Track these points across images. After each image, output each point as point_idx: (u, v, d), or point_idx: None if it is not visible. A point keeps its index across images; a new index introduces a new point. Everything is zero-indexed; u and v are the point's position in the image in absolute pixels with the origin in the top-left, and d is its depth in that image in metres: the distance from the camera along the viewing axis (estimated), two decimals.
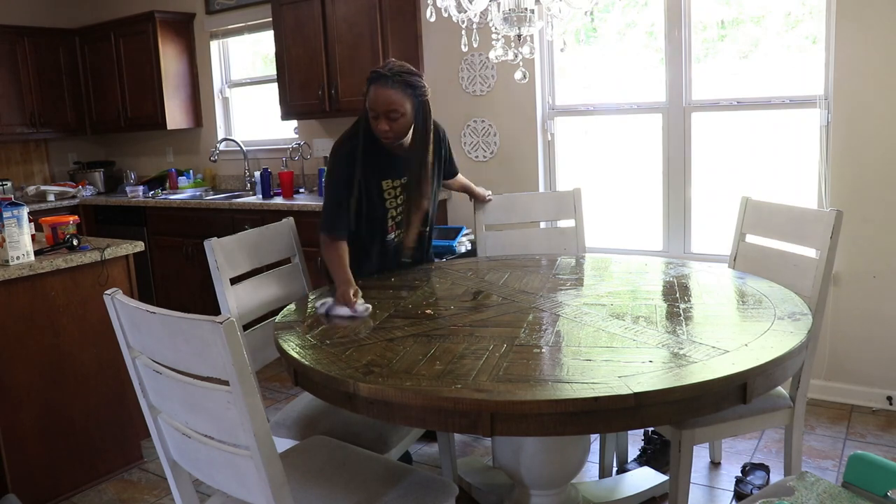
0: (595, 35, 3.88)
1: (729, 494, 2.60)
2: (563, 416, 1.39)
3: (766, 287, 2.13)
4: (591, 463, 2.76)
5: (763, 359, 1.53)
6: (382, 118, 2.24)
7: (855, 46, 3.06)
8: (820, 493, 1.41)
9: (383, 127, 2.25)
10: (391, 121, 2.25)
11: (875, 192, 3.11)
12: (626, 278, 2.38)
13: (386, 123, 2.25)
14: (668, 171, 3.65)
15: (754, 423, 2.15)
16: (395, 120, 2.25)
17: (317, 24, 4.24)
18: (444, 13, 2.32)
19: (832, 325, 3.24)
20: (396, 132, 2.27)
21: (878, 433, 2.99)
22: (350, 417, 2.12)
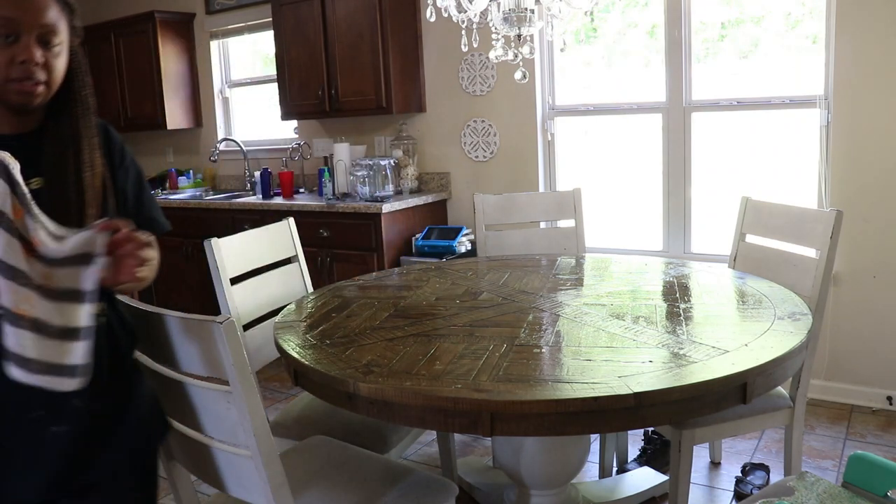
0: (595, 35, 3.88)
1: (729, 494, 2.60)
2: (563, 416, 1.39)
3: (766, 287, 2.13)
4: (591, 463, 2.76)
5: (763, 359, 1.53)
6: (32, 39, 1.21)
7: (855, 46, 3.06)
8: (820, 493, 1.41)
9: (32, 55, 1.20)
10: (46, 49, 1.23)
11: (875, 192, 3.11)
12: (626, 278, 2.38)
13: (39, 49, 1.21)
14: (668, 171, 3.65)
15: (754, 423, 2.15)
16: (51, 48, 1.24)
17: (317, 24, 4.24)
18: (444, 13, 2.32)
19: (832, 325, 3.24)
20: (52, 72, 1.24)
21: (878, 433, 2.99)
22: (350, 417, 2.12)
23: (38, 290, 1.11)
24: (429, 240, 3.88)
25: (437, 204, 4.22)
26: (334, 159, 4.24)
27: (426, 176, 4.33)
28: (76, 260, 1.14)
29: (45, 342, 1.12)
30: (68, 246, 1.14)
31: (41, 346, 1.12)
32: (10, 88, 1.21)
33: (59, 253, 1.13)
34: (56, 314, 1.13)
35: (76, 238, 1.14)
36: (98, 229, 1.14)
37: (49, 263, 1.13)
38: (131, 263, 1.17)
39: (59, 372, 1.12)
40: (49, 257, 1.13)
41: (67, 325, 1.13)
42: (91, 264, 1.14)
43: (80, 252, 1.14)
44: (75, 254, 1.14)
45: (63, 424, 1.25)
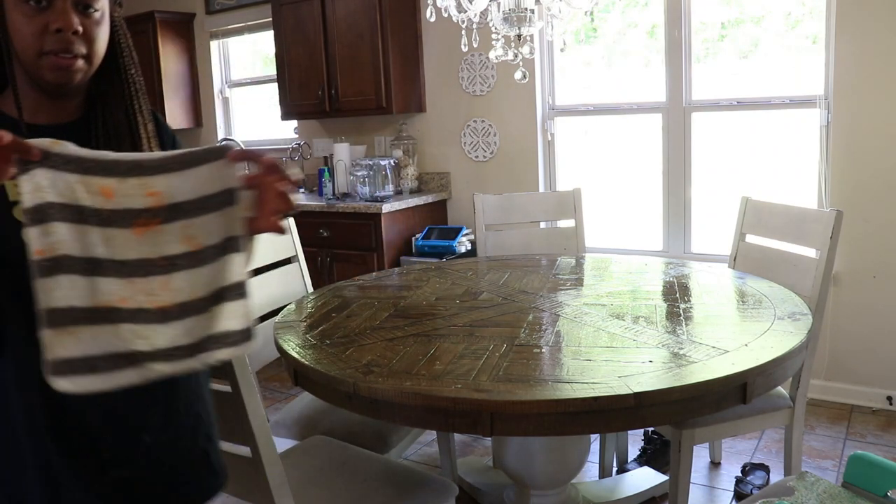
0: (595, 35, 3.88)
1: (729, 494, 2.60)
2: (563, 416, 1.39)
3: (766, 287, 2.13)
4: (591, 463, 2.76)
5: (763, 359, 1.53)
6: (67, 3, 1.00)
7: (855, 46, 3.06)
8: (820, 493, 1.41)
9: (69, 21, 0.99)
10: (84, 15, 1.02)
11: (875, 192, 3.11)
12: (626, 278, 2.38)
13: (76, 15, 1.01)
14: (668, 171, 3.65)
15: (754, 423, 2.15)
16: (90, 14, 1.03)
17: (317, 24, 4.24)
18: (444, 13, 2.32)
19: (832, 325, 3.24)
20: (92, 43, 1.03)
21: (878, 433, 2.99)
22: (350, 417, 2.12)
23: (172, 265, 0.90)
24: (429, 240, 3.88)
25: (437, 204, 4.22)
26: (334, 159, 4.24)
27: (426, 176, 4.33)
28: (213, 201, 0.91)
29: (192, 321, 0.90)
30: (192, 182, 0.90)
31: (189, 328, 0.90)
32: (43, 64, 0.99)
33: (191, 193, 0.90)
34: (205, 280, 0.91)
35: (202, 172, 0.90)
36: (229, 158, 0.91)
37: (179, 214, 0.90)
38: (275, 205, 0.93)
39: (218, 342, 0.91)
40: (177, 203, 0.89)
41: (220, 286, 0.91)
42: (233, 203, 0.91)
43: (214, 191, 0.90)
44: (209, 193, 0.90)
45: (128, 468, 1.08)
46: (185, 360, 0.90)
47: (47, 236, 0.83)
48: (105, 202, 0.87)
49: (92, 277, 0.85)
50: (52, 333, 0.83)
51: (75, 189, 0.86)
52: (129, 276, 0.88)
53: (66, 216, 0.85)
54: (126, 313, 0.87)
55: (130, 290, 0.87)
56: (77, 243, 0.85)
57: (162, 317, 0.88)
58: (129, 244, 0.88)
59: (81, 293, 0.85)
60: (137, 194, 0.89)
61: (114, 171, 0.88)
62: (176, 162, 0.91)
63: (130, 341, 0.87)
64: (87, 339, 0.85)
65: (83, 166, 0.87)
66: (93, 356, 0.85)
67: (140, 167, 0.89)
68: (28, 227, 0.83)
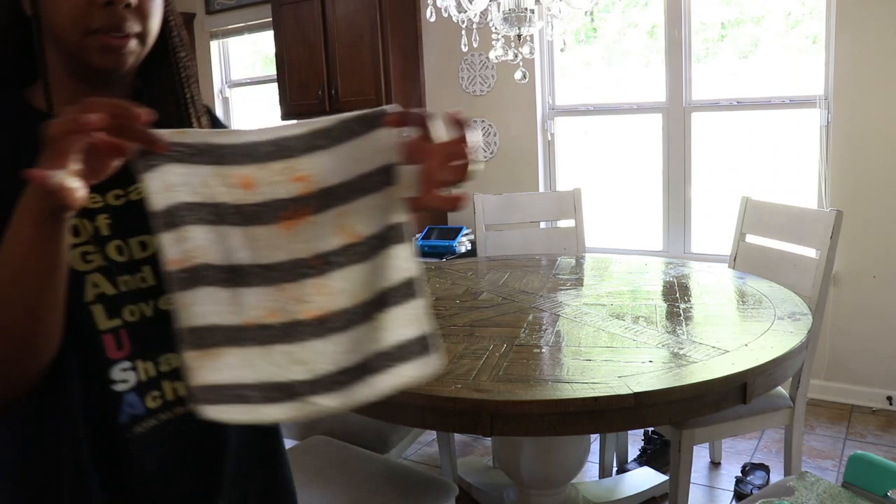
0: (595, 35, 3.88)
1: (729, 494, 2.60)
2: (563, 416, 1.39)
3: (765, 287, 2.13)
4: (591, 463, 2.76)
5: (763, 359, 1.53)
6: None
7: (855, 47, 3.06)
8: (820, 493, 1.41)
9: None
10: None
11: (875, 192, 3.11)
12: (626, 278, 2.38)
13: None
14: (668, 171, 3.65)
15: (754, 423, 2.15)
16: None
17: (317, 24, 4.24)
18: (444, 13, 2.32)
19: (832, 325, 3.24)
20: (147, 20, 0.82)
21: (878, 433, 2.99)
22: (350, 417, 2.12)
23: (328, 263, 0.74)
24: (429, 240, 3.88)
25: None
26: None
27: None
28: (370, 181, 0.74)
29: (357, 333, 0.74)
30: (345, 160, 0.74)
31: (354, 343, 0.74)
32: (90, 45, 0.79)
33: (344, 174, 0.74)
34: (367, 279, 0.74)
35: (356, 146, 0.74)
36: (387, 125, 0.75)
37: (332, 200, 0.74)
38: (443, 174, 0.73)
39: (391, 358, 0.74)
40: (329, 188, 0.73)
41: (384, 286, 0.75)
42: (393, 182, 0.74)
43: (371, 168, 0.74)
44: (365, 172, 0.74)
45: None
46: (355, 387, 0.74)
47: (182, 243, 0.70)
48: (246, 195, 0.73)
49: (236, 289, 0.72)
50: (194, 356, 0.71)
51: (210, 183, 0.72)
52: (278, 282, 0.73)
53: (202, 217, 0.71)
54: (277, 330, 0.73)
55: (281, 299, 0.73)
56: (217, 249, 0.72)
57: (320, 329, 0.73)
58: (276, 243, 0.73)
59: (224, 309, 0.72)
60: (282, 181, 0.73)
61: (252, 156, 0.73)
62: (324, 136, 0.74)
63: (286, 368, 0.72)
64: (233, 363, 0.72)
65: (217, 154, 0.72)
66: (243, 384, 0.72)
67: (283, 147, 0.73)
68: (160, 232, 0.70)
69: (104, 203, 0.83)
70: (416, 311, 0.76)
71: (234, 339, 0.72)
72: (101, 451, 0.80)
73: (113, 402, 0.80)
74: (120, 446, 0.81)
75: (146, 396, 0.82)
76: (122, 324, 0.81)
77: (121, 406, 0.80)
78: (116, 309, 0.81)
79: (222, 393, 0.72)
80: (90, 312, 0.79)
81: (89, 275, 0.80)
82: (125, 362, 0.81)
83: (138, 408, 0.82)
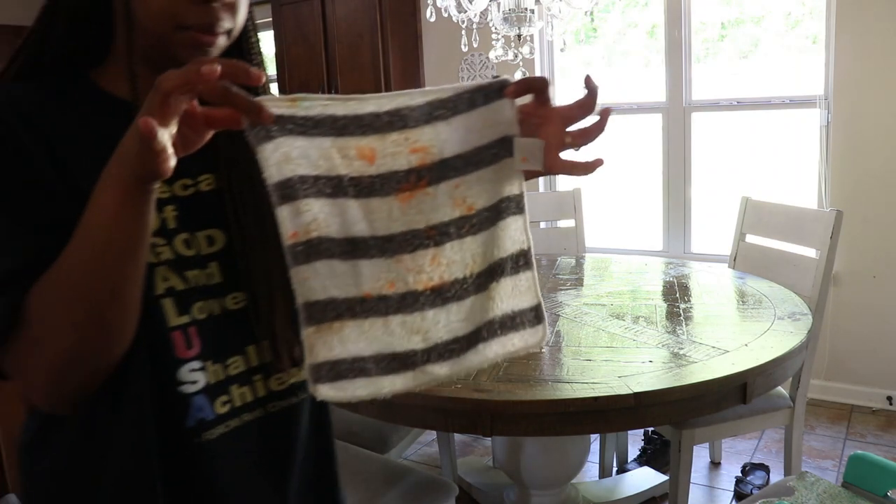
0: (595, 35, 3.88)
1: (729, 494, 2.60)
2: (562, 416, 1.39)
3: (765, 287, 2.13)
4: (590, 463, 2.76)
5: (763, 359, 1.53)
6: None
7: (855, 47, 3.06)
8: (820, 493, 1.41)
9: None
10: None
11: (875, 192, 3.11)
12: (626, 278, 2.38)
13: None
14: (668, 171, 3.65)
15: (754, 423, 2.15)
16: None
17: (317, 24, 4.24)
18: (444, 13, 2.32)
19: (832, 325, 3.24)
20: (237, 15, 0.78)
21: (877, 433, 2.99)
22: (350, 417, 2.12)
23: (443, 234, 0.74)
24: None
25: None
26: None
27: None
28: (487, 153, 0.75)
29: (471, 303, 0.75)
30: (463, 132, 0.74)
31: (468, 312, 0.75)
32: (180, 39, 0.75)
33: (462, 145, 0.74)
34: (481, 250, 0.75)
35: (474, 117, 0.74)
36: (508, 95, 0.74)
37: (449, 171, 0.74)
38: (563, 138, 0.76)
39: (503, 327, 0.77)
40: (446, 159, 0.73)
41: (500, 257, 0.75)
42: (510, 153, 0.75)
43: (488, 140, 0.74)
44: (483, 144, 0.74)
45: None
46: (467, 355, 0.75)
47: (300, 216, 0.68)
48: (365, 167, 0.71)
49: (354, 261, 0.71)
50: (312, 332, 0.69)
51: (331, 156, 0.70)
52: (396, 253, 0.72)
53: (320, 190, 0.69)
54: (395, 300, 0.72)
55: (397, 270, 0.72)
56: (335, 222, 0.70)
57: (435, 299, 0.73)
58: (393, 215, 0.72)
59: (342, 281, 0.70)
60: (401, 152, 0.72)
61: (373, 127, 0.71)
62: (444, 107, 0.73)
63: (404, 338, 0.72)
64: (353, 336, 0.70)
65: (337, 126, 0.70)
66: (361, 357, 0.71)
67: (402, 117, 0.72)
68: (277, 206, 0.68)
69: (171, 193, 0.78)
70: (529, 283, 0.77)
71: (353, 312, 0.71)
72: (166, 457, 0.76)
73: (181, 405, 0.77)
74: (187, 452, 0.78)
75: (215, 401, 0.78)
76: (192, 320, 0.77)
77: (189, 409, 0.77)
78: (186, 305, 0.77)
79: (341, 368, 0.70)
80: (160, 306, 0.76)
81: (158, 267, 0.76)
82: (195, 362, 0.77)
83: (207, 412, 0.78)
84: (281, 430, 0.83)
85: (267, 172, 0.67)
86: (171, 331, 0.76)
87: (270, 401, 0.83)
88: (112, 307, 0.68)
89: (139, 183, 0.62)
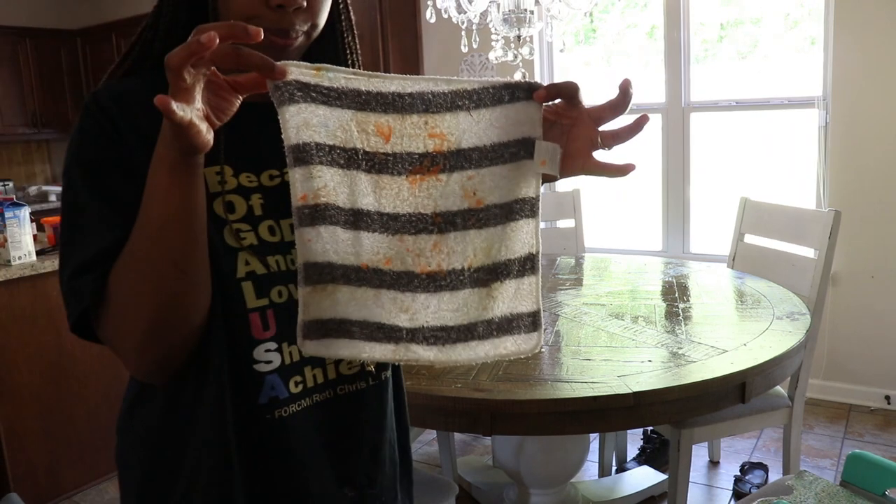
0: (594, 36, 3.89)
1: (728, 493, 2.60)
2: (562, 415, 1.40)
3: (764, 287, 2.14)
4: (590, 462, 2.77)
5: (761, 358, 1.54)
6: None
7: (853, 48, 3.07)
8: (818, 492, 1.42)
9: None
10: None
11: (873, 193, 3.12)
12: (625, 278, 2.39)
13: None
14: (668, 172, 3.66)
15: (753, 422, 2.16)
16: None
17: None
18: (444, 14, 2.33)
19: (830, 325, 3.25)
20: (316, 16, 0.81)
21: (876, 432, 3.00)
22: None
23: (449, 223, 0.75)
24: None
25: None
26: None
27: None
28: (506, 151, 0.76)
29: (466, 296, 0.76)
30: (485, 125, 0.75)
31: (461, 304, 0.76)
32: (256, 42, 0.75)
33: (481, 139, 0.75)
34: (485, 246, 0.76)
35: (499, 113, 0.75)
36: (537, 98, 0.75)
37: (463, 162, 0.75)
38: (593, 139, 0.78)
39: (497, 329, 0.77)
40: (463, 150, 0.75)
41: (505, 257, 0.76)
42: (530, 156, 0.75)
43: (510, 139, 0.75)
44: (503, 141, 0.75)
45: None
46: (456, 347, 0.75)
47: (311, 180, 0.70)
48: (380, 144, 0.73)
49: (356, 232, 0.73)
50: (307, 291, 0.72)
51: (349, 128, 0.72)
52: (398, 232, 0.74)
53: (334, 159, 0.72)
54: (390, 276, 0.74)
55: (398, 248, 0.74)
56: (344, 191, 0.72)
57: (430, 284, 0.74)
58: (402, 195, 0.74)
59: (342, 248, 0.72)
60: (419, 135, 0.74)
61: (394, 106, 0.73)
62: (469, 98, 0.74)
63: (391, 313, 0.74)
64: (344, 300, 0.73)
65: (360, 100, 0.72)
66: (348, 320, 0.73)
67: (426, 102, 0.74)
68: (291, 167, 0.70)
69: (259, 183, 0.82)
70: (532, 288, 0.77)
71: (348, 279, 0.73)
72: (241, 429, 0.80)
73: (255, 383, 0.80)
74: (260, 427, 0.81)
75: (289, 381, 0.82)
76: (269, 303, 0.81)
77: (262, 387, 0.81)
78: (265, 288, 0.80)
79: (328, 327, 0.73)
80: (240, 289, 0.79)
81: (241, 252, 0.80)
82: (271, 342, 0.81)
83: (280, 390, 0.81)
84: (350, 412, 0.87)
85: (285, 134, 0.70)
86: (249, 312, 0.80)
87: (340, 384, 0.86)
88: (177, 280, 0.71)
89: (182, 158, 0.65)
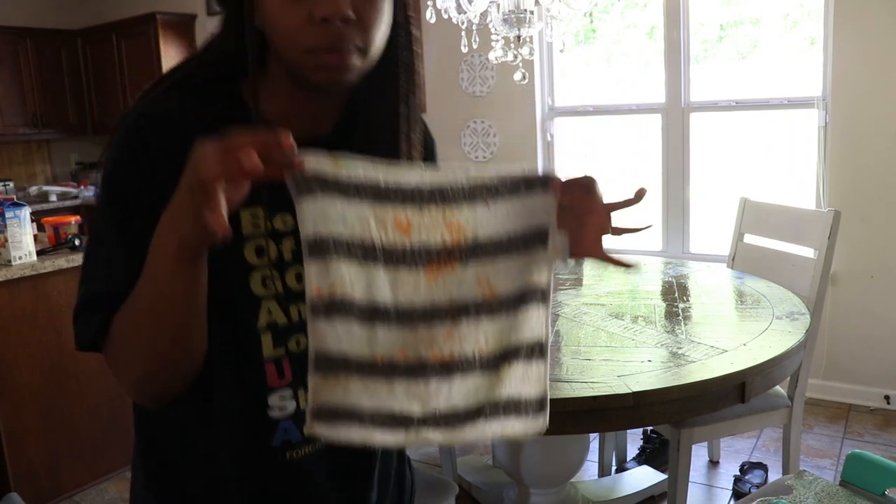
0: (594, 36, 3.89)
1: (727, 493, 2.61)
2: (562, 415, 1.40)
3: (764, 287, 2.14)
4: (590, 462, 2.77)
5: (761, 358, 1.54)
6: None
7: (853, 48, 3.07)
8: (818, 492, 1.42)
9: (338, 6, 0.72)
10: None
11: (873, 193, 3.12)
12: (625, 278, 2.39)
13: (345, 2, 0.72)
14: (667, 172, 3.66)
15: (753, 422, 2.16)
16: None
17: None
18: (443, 14, 2.33)
19: (830, 325, 3.25)
20: (369, 31, 0.75)
21: (875, 432, 3.00)
22: None
23: (462, 312, 0.75)
24: None
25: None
26: None
27: None
28: (520, 242, 0.76)
29: (476, 380, 0.76)
30: (501, 217, 0.75)
31: (471, 389, 0.76)
32: (308, 62, 0.74)
33: (496, 230, 0.75)
34: (497, 333, 0.76)
35: (515, 205, 0.75)
36: (552, 190, 0.76)
37: (479, 254, 0.75)
38: (601, 226, 0.80)
39: (504, 411, 0.77)
40: (479, 242, 0.74)
41: (514, 343, 0.76)
42: (543, 246, 0.76)
43: (524, 230, 0.75)
44: (518, 232, 0.75)
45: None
46: (465, 427, 0.75)
47: (328, 274, 0.70)
48: (399, 238, 0.72)
49: (372, 326, 0.72)
50: (318, 380, 0.71)
51: (367, 222, 0.71)
52: (414, 323, 0.73)
53: (352, 253, 0.71)
54: (403, 367, 0.73)
55: (412, 340, 0.74)
56: (361, 285, 0.71)
57: (442, 371, 0.74)
58: (419, 288, 0.73)
59: (357, 342, 0.72)
60: (436, 228, 0.73)
61: (413, 199, 0.72)
62: (486, 189, 0.74)
63: (403, 401, 0.73)
64: (356, 391, 0.72)
65: (378, 193, 0.71)
66: (360, 409, 0.72)
67: (443, 194, 0.73)
68: (307, 258, 0.69)
69: (294, 223, 0.76)
70: (540, 373, 0.78)
71: (361, 371, 0.73)
72: (253, 471, 0.82)
73: (268, 427, 0.81)
74: (272, 468, 0.82)
75: (303, 425, 0.79)
76: (286, 353, 0.81)
77: (275, 431, 0.82)
78: (283, 338, 0.81)
79: (338, 413, 0.72)
80: (258, 339, 0.80)
81: (266, 301, 0.80)
82: (286, 390, 0.82)
83: (293, 434, 0.82)
84: (360, 452, 0.86)
85: (302, 226, 0.69)
86: (265, 362, 0.81)
87: None
88: (172, 350, 0.73)
89: (192, 252, 0.66)
